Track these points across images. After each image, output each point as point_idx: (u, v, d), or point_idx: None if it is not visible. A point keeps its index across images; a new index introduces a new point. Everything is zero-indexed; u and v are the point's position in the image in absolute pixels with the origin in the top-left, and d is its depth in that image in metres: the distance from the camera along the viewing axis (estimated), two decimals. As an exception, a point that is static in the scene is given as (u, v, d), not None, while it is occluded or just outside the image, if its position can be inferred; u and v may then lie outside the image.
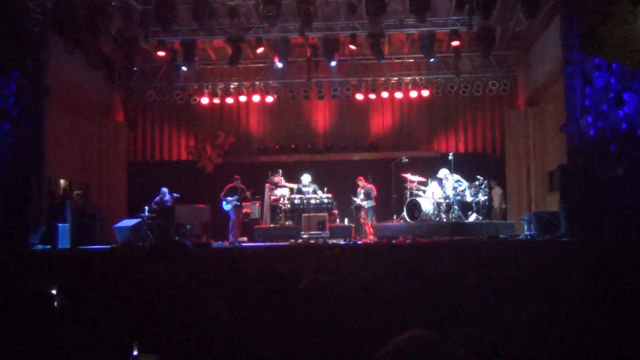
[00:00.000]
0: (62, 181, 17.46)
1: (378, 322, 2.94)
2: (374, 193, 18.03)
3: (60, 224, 15.15)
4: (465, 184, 16.67)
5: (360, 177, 18.32)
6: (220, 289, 3.65)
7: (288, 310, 2.92)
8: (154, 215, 16.78)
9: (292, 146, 21.26)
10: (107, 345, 2.64)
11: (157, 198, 17.24)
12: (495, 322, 2.97)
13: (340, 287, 3.41)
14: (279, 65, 18.56)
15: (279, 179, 18.39)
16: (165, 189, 17.36)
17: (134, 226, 16.44)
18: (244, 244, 16.19)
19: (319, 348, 2.70)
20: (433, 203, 16.70)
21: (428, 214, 16.69)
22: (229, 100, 20.76)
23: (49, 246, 14.16)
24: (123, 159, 20.39)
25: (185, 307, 2.91)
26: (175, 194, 17.40)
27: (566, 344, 2.44)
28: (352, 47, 17.94)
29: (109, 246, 15.19)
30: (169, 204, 17.17)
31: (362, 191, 18.05)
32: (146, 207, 16.78)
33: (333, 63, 18.35)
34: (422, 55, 18.68)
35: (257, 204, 18.85)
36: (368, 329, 2.84)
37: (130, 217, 17.64)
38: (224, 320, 2.85)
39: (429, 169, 18.01)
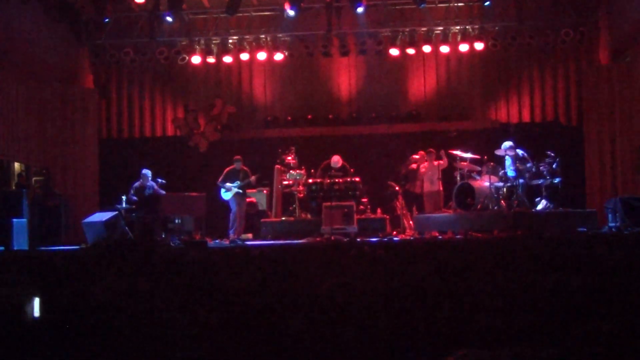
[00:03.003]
0: (16, 165, 17.61)
1: (418, 335, 2.96)
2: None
3: (15, 220, 15.28)
4: (531, 162, 16.58)
5: (431, 150, 17.91)
6: (218, 299, 3.69)
7: (306, 322, 2.94)
8: (133, 206, 16.85)
9: (309, 117, 21.25)
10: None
11: (137, 184, 17.22)
12: (568, 337, 2.97)
13: (370, 294, 3.43)
14: (291, 13, 18.53)
15: (291, 158, 18.39)
16: (147, 172, 17.30)
17: (107, 221, 16.51)
18: (248, 242, 16.27)
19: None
20: (490, 187, 16.63)
21: (484, 201, 16.64)
22: (227, 59, 20.74)
23: (2, 247, 14.32)
24: (93, 135, 20.47)
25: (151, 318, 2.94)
26: (160, 180, 17.41)
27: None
28: (384, -13, 17.87)
29: (77, 246, 15.37)
30: (150, 191, 17.12)
31: (429, 172, 17.76)
32: (123, 197, 16.83)
33: (360, 9, 18.29)
34: (474, -2, 18.59)
35: (265, 192, 18.89)
36: (406, 343, 2.85)
37: (103, 209, 17.74)
38: (220, 332, 2.88)
39: (484, 144, 17.95)
